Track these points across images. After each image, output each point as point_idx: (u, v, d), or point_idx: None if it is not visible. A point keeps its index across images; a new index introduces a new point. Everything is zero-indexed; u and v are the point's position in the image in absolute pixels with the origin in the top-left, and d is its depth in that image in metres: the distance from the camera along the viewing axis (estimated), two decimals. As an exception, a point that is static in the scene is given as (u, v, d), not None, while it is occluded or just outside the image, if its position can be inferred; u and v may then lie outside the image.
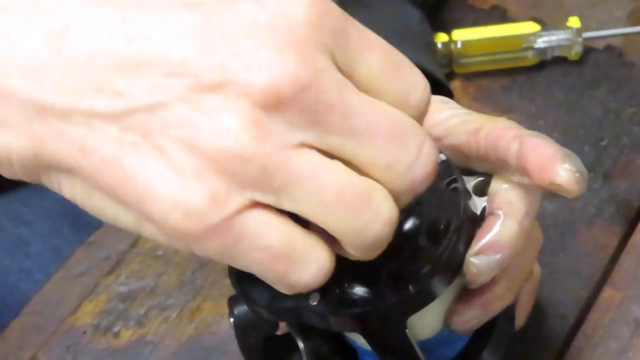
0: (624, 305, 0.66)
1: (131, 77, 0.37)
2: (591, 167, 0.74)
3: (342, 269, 0.42)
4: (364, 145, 0.38)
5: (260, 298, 0.48)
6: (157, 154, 0.37)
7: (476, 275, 0.49)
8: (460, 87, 0.79)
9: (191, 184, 0.37)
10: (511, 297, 0.53)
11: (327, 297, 0.46)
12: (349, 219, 0.38)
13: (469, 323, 0.52)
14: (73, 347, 0.66)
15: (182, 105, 0.37)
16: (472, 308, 0.52)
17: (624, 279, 0.68)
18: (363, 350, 0.53)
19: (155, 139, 0.37)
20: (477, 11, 0.84)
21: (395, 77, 0.40)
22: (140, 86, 0.37)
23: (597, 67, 0.80)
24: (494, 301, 0.52)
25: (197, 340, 0.66)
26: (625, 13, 0.85)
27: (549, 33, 0.80)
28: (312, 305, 0.46)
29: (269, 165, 0.37)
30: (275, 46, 0.37)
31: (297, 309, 0.47)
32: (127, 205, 0.39)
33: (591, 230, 0.70)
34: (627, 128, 0.76)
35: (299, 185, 0.38)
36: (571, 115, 0.77)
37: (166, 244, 0.40)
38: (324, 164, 0.38)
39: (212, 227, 0.38)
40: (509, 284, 0.52)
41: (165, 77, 0.37)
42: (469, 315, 0.52)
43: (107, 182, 0.38)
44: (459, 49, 0.79)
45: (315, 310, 0.46)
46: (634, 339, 0.64)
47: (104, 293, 0.68)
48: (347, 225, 0.39)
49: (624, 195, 0.72)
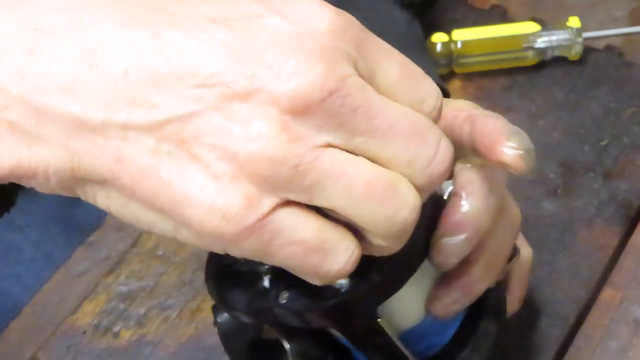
0: (624, 305, 0.66)
1: (164, 89, 0.39)
2: (591, 167, 0.74)
3: None
4: (386, 143, 0.41)
5: (237, 302, 0.48)
6: (192, 162, 0.39)
7: (444, 257, 0.49)
8: (460, 87, 0.79)
9: (226, 188, 0.39)
10: (491, 278, 0.53)
11: (297, 295, 0.47)
12: (379, 208, 0.40)
13: (450, 307, 0.52)
14: (73, 347, 0.66)
15: (214, 114, 0.39)
16: (451, 292, 0.52)
17: (624, 279, 0.68)
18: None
19: (190, 148, 0.39)
20: (477, 11, 0.84)
21: (410, 85, 0.42)
22: (173, 98, 0.39)
23: (597, 67, 0.80)
24: (473, 283, 0.52)
25: (197, 340, 0.66)
26: (625, 13, 0.85)
27: (549, 33, 0.80)
28: (282, 303, 0.47)
29: (300, 166, 0.39)
30: (301, 55, 0.39)
31: (272, 310, 0.47)
32: (163, 212, 0.40)
33: (591, 230, 0.70)
34: (627, 128, 0.76)
35: (330, 182, 0.40)
36: (571, 115, 0.77)
37: (203, 246, 0.41)
38: (350, 160, 0.40)
39: (248, 228, 0.39)
40: (487, 265, 0.52)
41: (197, 88, 0.39)
42: (448, 299, 0.52)
43: (144, 191, 0.40)
44: (459, 49, 0.79)
45: (286, 308, 0.47)
46: (634, 339, 0.64)
47: (104, 293, 0.68)
48: (377, 214, 0.41)
49: (624, 195, 0.72)
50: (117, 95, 0.39)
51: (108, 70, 0.39)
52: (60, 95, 0.39)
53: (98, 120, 0.39)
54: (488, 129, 0.49)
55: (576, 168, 0.74)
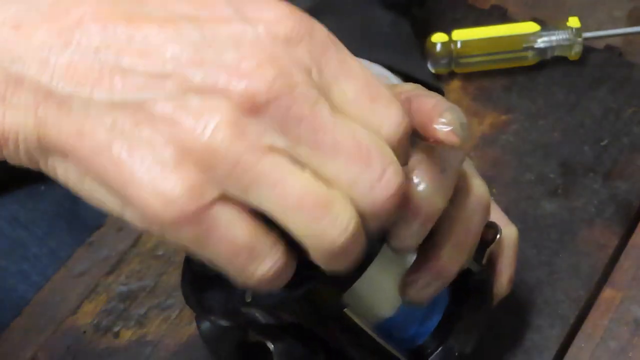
0: (624, 305, 0.66)
1: (128, 73, 0.42)
2: (591, 167, 0.74)
3: None
4: (328, 160, 0.42)
5: (213, 306, 0.49)
6: (143, 144, 0.41)
7: (401, 242, 0.49)
8: (460, 87, 0.79)
9: (172, 174, 0.41)
10: (462, 259, 0.52)
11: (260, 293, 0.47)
12: (307, 224, 0.42)
13: (423, 292, 0.52)
14: (73, 347, 0.66)
15: (168, 103, 0.41)
16: (421, 276, 0.52)
17: (624, 279, 0.68)
18: None
19: (142, 131, 0.41)
20: (477, 11, 0.84)
21: (369, 107, 0.43)
22: (134, 82, 0.42)
23: (597, 67, 0.80)
24: (443, 266, 0.52)
25: (197, 340, 0.66)
26: (625, 13, 0.85)
27: (549, 33, 0.80)
28: (248, 302, 0.47)
29: (240, 164, 0.41)
30: (256, 59, 0.41)
31: (243, 311, 0.47)
32: (112, 190, 0.42)
33: (591, 230, 0.70)
34: (627, 128, 0.76)
35: (265, 187, 0.41)
36: (571, 115, 0.77)
37: (144, 229, 0.43)
38: (290, 170, 0.41)
39: (188, 215, 0.41)
40: (456, 246, 0.52)
41: (157, 76, 0.41)
42: (420, 283, 0.52)
43: (97, 167, 0.42)
44: (458, 49, 0.79)
45: (253, 305, 0.47)
46: (634, 339, 0.64)
47: (104, 293, 0.68)
48: (305, 229, 0.42)
49: (624, 195, 0.72)
50: (85, 72, 0.42)
51: (82, 48, 0.42)
52: (35, 66, 0.42)
53: (65, 92, 0.42)
54: (423, 108, 0.48)
55: (576, 168, 0.74)
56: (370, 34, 0.71)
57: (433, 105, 0.48)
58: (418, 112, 0.49)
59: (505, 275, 0.60)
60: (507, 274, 0.60)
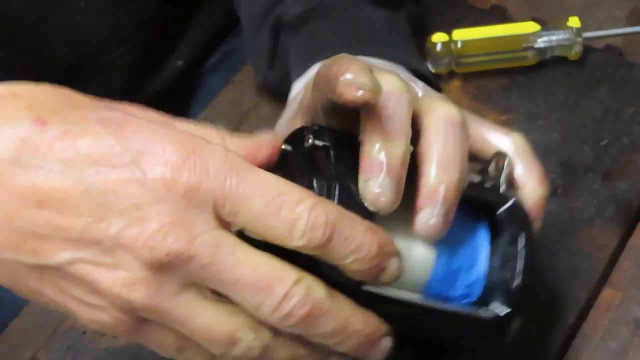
0: (624, 305, 0.66)
1: (44, 240, 0.47)
2: (591, 167, 0.74)
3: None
4: (234, 294, 0.48)
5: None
6: (67, 296, 0.49)
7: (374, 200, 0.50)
8: (460, 87, 0.79)
9: (101, 314, 0.48)
10: (451, 176, 0.52)
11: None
12: (219, 350, 0.49)
13: (433, 223, 0.52)
14: (73, 347, 0.66)
15: (86, 264, 0.47)
16: (422, 206, 0.52)
17: (624, 279, 0.68)
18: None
19: (67, 287, 0.48)
20: (477, 11, 0.84)
21: (275, 217, 0.47)
22: (51, 248, 0.47)
23: (597, 67, 0.80)
24: (435, 189, 0.52)
25: (197, 340, 0.66)
26: (625, 13, 0.85)
27: (548, 33, 0.80)
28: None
29: (157, 311, 0.48)
30: (155, 222, 0.46)
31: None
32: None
33: (591, 230, 0.70)
34: (627, 128, 0.76)
35: (179, 325, 0.48)
36: (571, 115, 0.77)
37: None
38: (202, 307, 0.48)
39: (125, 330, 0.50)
40: (438, 166, 0.52)
41: (71, 241, 0.47)
42: (426, 215, 0.52)
43: (35, 300, 0.50)
44: (458, 49, 0.79)
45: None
46: (633, 339, 0.64)
47: (104, 293, 0.68)
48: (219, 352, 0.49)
49: (624, 195, 0.72)
50: (4, 239, 0.47)
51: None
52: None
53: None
54: (329, 75, 0.51)
55: (576, 168, 0.74)
56: (366, 31, 0.71)
57: (338, 69, 0.50)
58: (326, 81, 0.52)
59: (533, 177, 0.59)
60: (533, 175, 0.59)
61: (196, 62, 0.90)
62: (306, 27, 0.72)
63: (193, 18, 0.88)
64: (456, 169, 0.53)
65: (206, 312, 0.48)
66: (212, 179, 0.47)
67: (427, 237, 0.53)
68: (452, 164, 0.53)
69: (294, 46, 0.73)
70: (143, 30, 0.83)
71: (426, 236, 0.52)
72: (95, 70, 0.82)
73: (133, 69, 0.84)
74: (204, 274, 0.47)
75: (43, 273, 0.48)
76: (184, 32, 0.88)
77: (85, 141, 0.47)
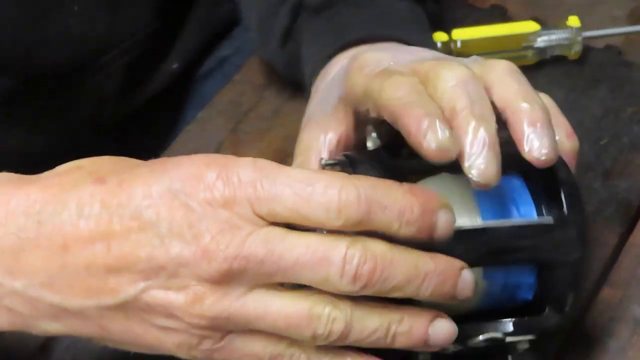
0: (624, 305, 0.66)
1: (118, 276, 0.51)
2: (591, 167, 0.74)
3: None
4: (298, 275, 0.50)
5: None
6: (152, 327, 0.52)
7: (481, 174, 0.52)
8: (460, 86, 0.79)
9: (183, 335, 0.52)
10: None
11: None
12: (299, 334, 0.51)
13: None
14: (73, 347, 0.66)
15: (158, 290, 0.51)
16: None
17: (623, 278, 0.68)
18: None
19: (149, 318, 0.52)
20: (477, 10, 0.85)
21: (308, 205, 0.49)
22: (125, 282, 0.51)
23: (597, 66, 0.80)
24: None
25: (197, 340, 0.66)
26: (625, 13, 0.85)
27: (548, 32, 0.80)
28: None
29: (230, 317, 0.51)
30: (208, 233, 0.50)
31: None
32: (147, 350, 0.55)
33: (591, 229, 0.70)
34: (627, 128, 0.76)
35: (257, 321, 0.51)
36: (571, 114, 0.77)
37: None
38: (272, 298, 0.51)
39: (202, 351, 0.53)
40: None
41: (141, 272, 0.51)
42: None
43: (127, 342, 0.54)
44: (458, 49, 0.79)
45: None
46: (633, 338, 0.64)
47: (103, 292, 0.68)
48: (300, 337, 0.51)
49: (624, 195, 0.72)
50: (87, 285, 0.52)
51: (74, 266, 0.52)
52: (42, 289, 0.52)
53: (76, 307, 0.53)
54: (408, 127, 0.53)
55: (576, 168, 0.74)
56: (391, 19, 0.72)
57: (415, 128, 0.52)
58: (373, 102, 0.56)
59: (561, 132, 0.60)
60: (561, 130, 0.61)
61: (192, 65, 0.90)
62: (329, 12, 0.72)
63: (188, 20, 0.88)
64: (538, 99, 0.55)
65: (277, 301, 0.51)
66: (245, 186, 0.50)
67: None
68: (533, 97, 0.55)
69: (312, 29, 0.73)
70: (137, 33, 0.84)
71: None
72: (90, 73, 0.82)
73: (128, 72, 0.84)
74: (263, 269, 0.50)
75: (126, 310, 0.52)
76: (178, 34, 0.88)
77: (137, 184, 0.51)
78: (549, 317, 0.56)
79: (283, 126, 0.69)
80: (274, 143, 0.75)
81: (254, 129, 0.78)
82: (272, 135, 0.77)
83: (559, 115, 0.62)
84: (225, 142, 0.77)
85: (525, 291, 0.56)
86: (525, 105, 0.54)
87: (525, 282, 0.56)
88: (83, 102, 0.84)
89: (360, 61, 0.60)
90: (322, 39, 0.71)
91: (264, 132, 0.77)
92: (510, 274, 0.56)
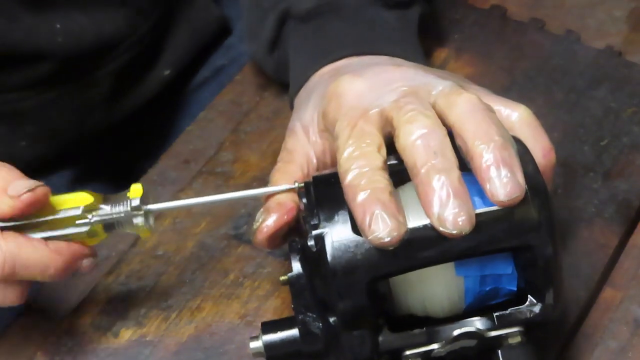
0: (624, 305, 0.66)
1: None
2: (591, 167, 0.74)
3: None
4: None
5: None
6: None
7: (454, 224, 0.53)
8: (460, 87, 0.79)
9: None
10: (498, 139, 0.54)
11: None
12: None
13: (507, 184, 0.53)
14: (73, 347, 0.66)
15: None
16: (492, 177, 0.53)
17: (624, 278, 0.68)
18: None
19: None
20: (477, 11, 0.85)
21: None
22: None
23: (597, 67, 0.80)
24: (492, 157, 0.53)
25: (197, 340, 0.66)
26: (625, 13, 0.85)
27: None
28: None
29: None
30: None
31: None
32: None
33: (591, 230, 0.70)
34: (627, 128, 0.76)
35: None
36: (571, 115, 0.77)
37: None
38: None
39: None
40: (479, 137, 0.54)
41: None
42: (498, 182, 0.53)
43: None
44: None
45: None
46: (633, 338, 0.64)
47: (103, 293, 0.68)
48: None
49: (624, 195, 0.72)
50: None
51: None
52: None
53: None
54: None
55: (576, 168, 0.74)
56: (377, 32, 0.72)
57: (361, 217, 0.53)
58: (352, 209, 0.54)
59: (537, 149, 0.60)
60: (537, 147, 0.61)
61: (184, 72, 0.89)
62: (315, 22, 0.72)
63: (175, 25, 0.88)
64: (497, 136, 0.54)
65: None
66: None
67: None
68: (491, 135, 0.54)
69: (299, 38, 0.73)
70: (127, 39, 0.83)
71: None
72: (79, 78, 0.82)
73: (118, 77, 0.84)
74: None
75: None
76: (167, 39, 0.87)
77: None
78: (531, 307, 0.56)
79: (283, 126, 0.69)
80: (274, 143, 0.75)
81: (255, 129, 0.78)
82: (272, 135, 0.77)
83: (538, 131, 0.62)
84: (225, 142, 0.77)
85: (507, 282, 0.56)
86: (481, 148, 0.54)
87: (504, 274, 0.56)
88: (68, 109, 0.83)
89: (339, 89, 0.60)
90: (309, 52, 0.71)
91: (265, 132, 0.77)
92: (485, 267, 0.56)
